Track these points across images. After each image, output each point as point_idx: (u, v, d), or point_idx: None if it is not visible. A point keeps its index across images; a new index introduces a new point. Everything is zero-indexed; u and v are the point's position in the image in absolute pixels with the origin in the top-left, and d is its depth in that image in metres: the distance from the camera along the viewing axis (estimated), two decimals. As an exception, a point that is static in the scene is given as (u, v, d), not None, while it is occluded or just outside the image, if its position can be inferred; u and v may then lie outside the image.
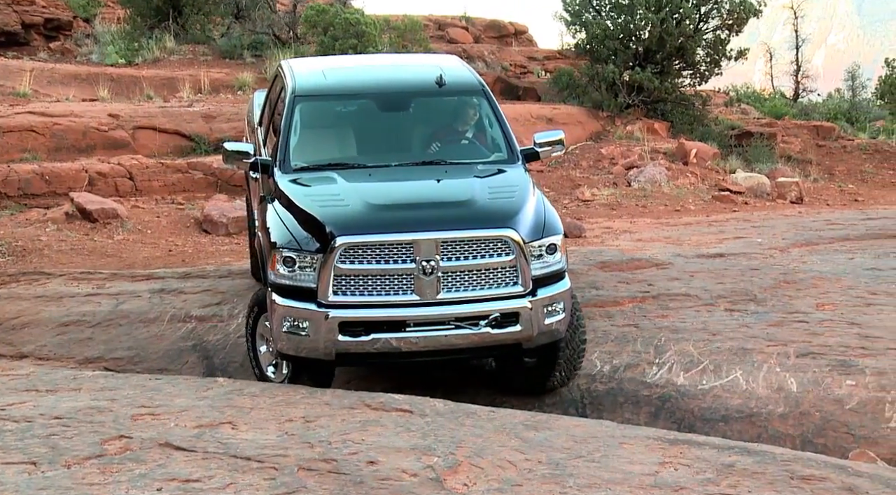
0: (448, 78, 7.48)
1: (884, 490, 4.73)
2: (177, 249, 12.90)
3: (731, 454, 5.14)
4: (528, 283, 6.26)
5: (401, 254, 6.07)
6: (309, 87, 7.46)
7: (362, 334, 6.12)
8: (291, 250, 6.17)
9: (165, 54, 22.19)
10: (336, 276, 6.07)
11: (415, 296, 6.11)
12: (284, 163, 6.94)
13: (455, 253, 6.13)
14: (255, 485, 4.49)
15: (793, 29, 28.38)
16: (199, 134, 16.68)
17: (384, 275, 6.09)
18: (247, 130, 9.63)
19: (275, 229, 6.40)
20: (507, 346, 6.42)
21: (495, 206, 6.42)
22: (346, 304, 6.11)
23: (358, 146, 7.36)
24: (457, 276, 6.15)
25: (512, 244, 6.18)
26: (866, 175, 21.13)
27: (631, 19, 21.84)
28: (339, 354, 6.21)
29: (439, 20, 27.76)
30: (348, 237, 6.06)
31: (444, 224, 6.18)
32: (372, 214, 6.25)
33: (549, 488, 4.60)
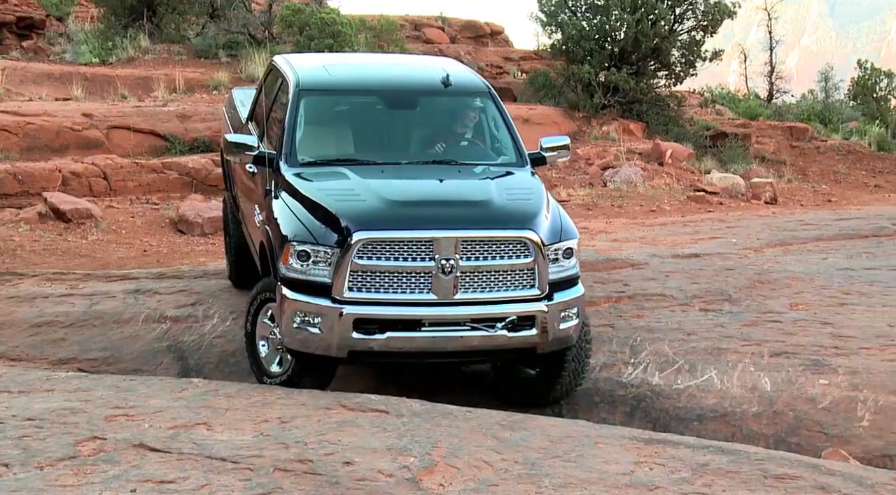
0: (454, 79, 7.39)
1: (856, 488, 4.77)
2: (151, 250, 12.84)
3: (705, 453, 5.16)
4: (545, 287, 6.19)
5: (419, 251, 5.97)
6: (313, 82, 7.35)
7: (376, 332, 6.02)
8: (306, 244, 6.04)
9: (140, 53, 22.06)
10: (352, 272, 5.96)
11: (432, 295, 6.01)
12: (291, 156, 6.82)
13: (474, 252, 6.04)
14: (230, 486, 4.47)
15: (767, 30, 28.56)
16: (175, 134, 16.59)
17: (401, 273, 6.00)
18: (225, 128, 9.48)
19: (286, 222, 6.27)
20: (521, 351, 6.33)
21: (514, 208, 6.34)
22: (361, 301, 6.00)
23: (366, 143, 7.26)
24: (475, 277, 6.07)
25: (531, 246, 6.10)
26: (839, 176, 21.31)
27: (606, 20, 21.91)
28: (351, 352, 6.11)
29: (415, 20, 27.74)
30: (367, 232, 5.95)
31: (465, 223, 6.10)
32: (391, 210, 6.14)
33: (524, 488, 4.61)
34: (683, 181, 18.63)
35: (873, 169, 22.09)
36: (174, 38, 23.46)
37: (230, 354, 8.02)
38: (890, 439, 6.17)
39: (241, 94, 9.57)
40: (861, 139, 23.80)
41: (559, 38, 22.72)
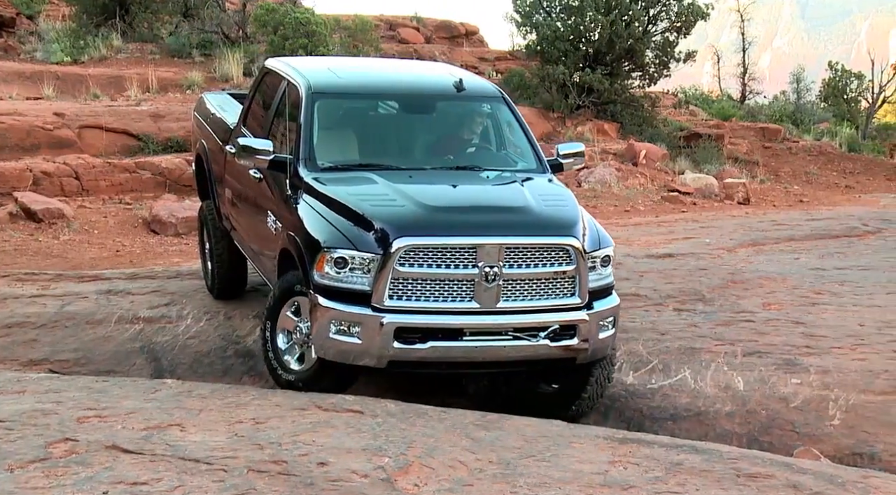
0: (466, 84, 7.28)
1: (827, 486, 4.81)
2: (124, 250, 12.75)
3: (679, 452, 5.19)
4: (586, 295, 6.09)
5: (462, 258, 5.83)
6: (325, 85, 7.17)
7: (418, 341, 5.86)
8: (343, 250, 5.87)
9: (112, 52, 21.90)
10: (393, 279, 5.80)
11: (474, 303, 5.87)
12: (310, 161, 6.63)
13: (518, 259, 5.92)
14: (204, 488, 4.45)
15: (739, 32, 28.74)
16: (148, 133, 16.49)
17: (443, 280, 5.85)
18: (200, 133, 9.21)
19: (319, 228, 6.09)
20: (562, 361, 6.20)
21: (555, 214, 6.22)
22: (402, 309, 5.84)
23: (384, 148, 7.10)
24: (517, 285, 5.93)
25: (573, 253, 5.99)
26: (811, 176, 21.49)
27: (581, 21, 21.98)
28: (391, 362, 5.95)
29: (390, 20, 27.69)
30: (409, 238, 5.80)
31: (508, 229, 5.96)
32: (433, 216, 5.98)
33: (499, 487, 4.62)
34: (657, 181, 18.72)
35: (844, 170, 22.29)
36: (147, 37, 23.32)
37: (204, 355, 7.99)
38: (860, 437, 6.23)
39: (216, 99, 9.36)
40: (832, 140, 24.00)
41: (534, 39, 22.77)
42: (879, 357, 7.03)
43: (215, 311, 8.57)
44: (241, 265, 8.60)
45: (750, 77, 28.70)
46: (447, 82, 7.37)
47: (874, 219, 14.20)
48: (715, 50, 31.00)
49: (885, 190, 20.94)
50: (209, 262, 8.91)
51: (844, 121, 25.72)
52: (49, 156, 15.24)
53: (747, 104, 28.02)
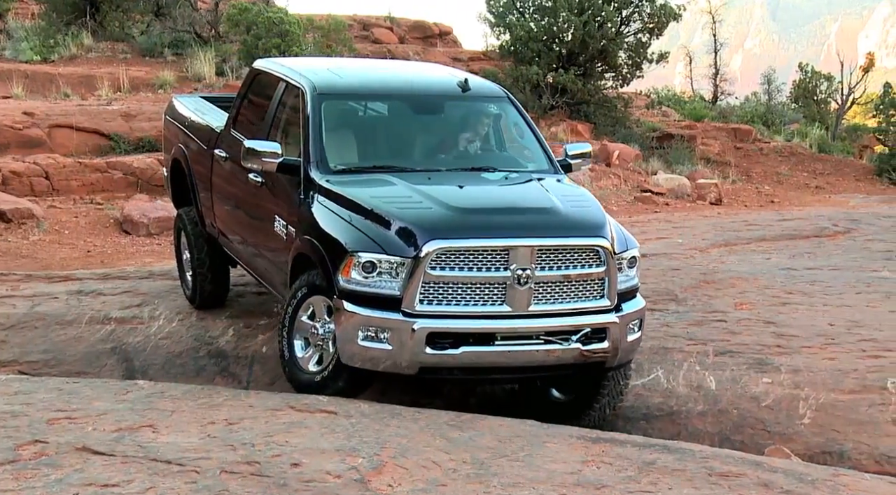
0: (471, 84, 7.20)
1: (797, 484, 4.86)
2: (95, 250, 12.67)
3: (651, 452, 5.22)
4: (615, 297, 5.98)
5: (495, 261, 5.70)
6: (330, 86, 6.99)
7: (450, 347, 5.70)
8: (372, 254, 5.70)
9: (83, 51, 21.74)
10: (424, 283, 5.65)
11: (506, 306, 5.74)
12: (322, 163, 6.46)
13: (549, 261, 5.79)
14: (176, 489, 4.43)
15: (711, 33, 28.93)
16: (119, 133, 16.40)
17: (475, 284, 5.71)
18: (176, 138, 8.93)
19: (342, 232, 5.93)
20: (591, 365, 6.06)
21: (583, 215, 6.09)
22: (434, 314, 5.69)
23: (396, 149, 6.94)
24: (549, 287, 5.81)
25: (603, 254, 5.88)
26: (782, 177, 21.66)
27: (554, 22, 22.05)
28: (422, 368, 5.79)
29: (364, 20, 27.65)
30: (442, 241, 5.64)
31: (539, 230, 5.83)
32: (463, 218, 5.84)
33: (473, 488, 4.63)
34: (630, 182, 18.81)
35: (814, 170, 22.49)
36: (118, 36, 23.16)
37: (176, 356, 7.95)
38: (830, 436, 6.29)
39: (190, 101, 9.15)
40: (802, 141, 24.20)
41: (507, 40, 22.83)
42: (849, 356, 7.10)
43: (188, 312, 8.53)
44: (225, 273, 8.41)
45: (721, 78, 28.90)
46: (452, 82, 7.29)
47: (844, 220, 14.35)
48: (687, 51, 31.18)
49: (855, 190, 21.16)
50: (189, 272, 8.57)
51: (815, 122, 25.94)
52: (19, 155, 15.13)
53: (719, 105, 28.20)
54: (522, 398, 6.77)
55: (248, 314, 8.39)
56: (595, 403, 6.39)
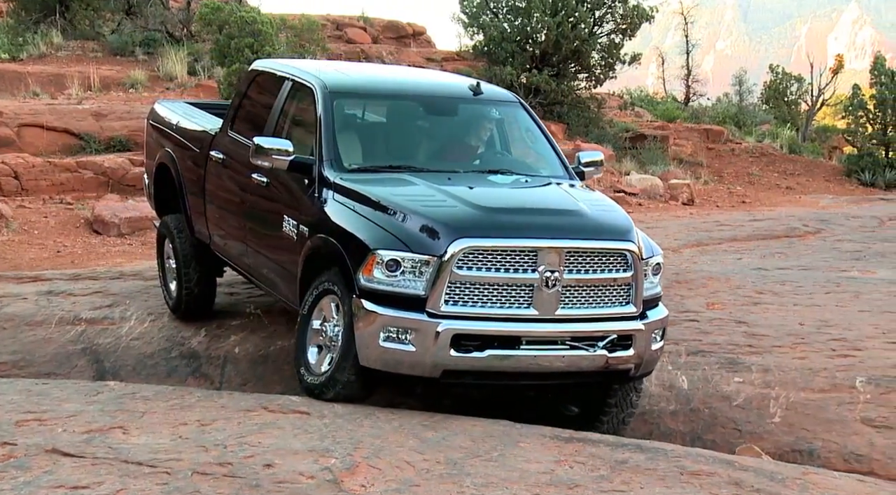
0: (482, 88, 7.10)
1: (768, 483, 4.90)
2: (66, 250, 12.57)
3: (624, 451, 5.24)
4: (640, 304, 5.83)
5: (523, 262, 5.53)
6: (342, 85, 6.87)
7: (475, 350, 5.52)
8: (396, 252, 5.52)
9: (52, 50, 21.56)
10: (451, 283, 5.48)
11: (532, 310, 5.57)
12: (336, 162, 6.31)
13: (578, 264, 5.63)
14: (146, 491, 4.41)
15: (683, 34, 29.09)
16: (89, 132, 16.26)
17: (502, 285, 5.53)
18: (152, 140, 8.76)
19: (363, 230, 5.75)
20: (616, 373, 5.89)
21: (611, 218, 5.96)
22: (459, 315, 5.51)
23: (410, 150, 6.81)
24: (576, 291, 5.66)
25: (631, 259, 5.74)
26: (753, 177, 21.82)
27: (528, 22, 22.11)
28: (445, 372, 5.58)
29: (337, 20, 27.58)
30: (470, 240, 5.48)
31: (569, 232, 5.67)
32: (491, 217, 5.67)
33: (446, 488, 4.63)
34: (603, 182, 18.88)
35: (785, 171, 22.67)
36: (89, 34, 22.97)
37: (148, 356, 7.90)
38: (800, 435, 6.34)
39: (176, 106, 8.98)
40: (773, 142, 24.39)
41: (481, 40, 22.86)
42: (819, 355, 7.16)
43: (159, 313, 8.48)
44: (212, 282, 8.17)
45: (693, 79, 29.06)
46: (462, 86, 7.22)
47: (814, 220, 14.50)
48: (659, 52, 31.35)
49: (825, 191, 21.35)
50: (174, 282, 8.24)
51: (785, 123, 26.15)
52: (-13, 154, 14.97)
53: (691, 106, 28.37)
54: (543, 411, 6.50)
55: (220, 315, 8.35)
56: (606, 416, 6.23)
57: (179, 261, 8.05)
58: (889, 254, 11.83)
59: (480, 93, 7.06)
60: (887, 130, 22.33)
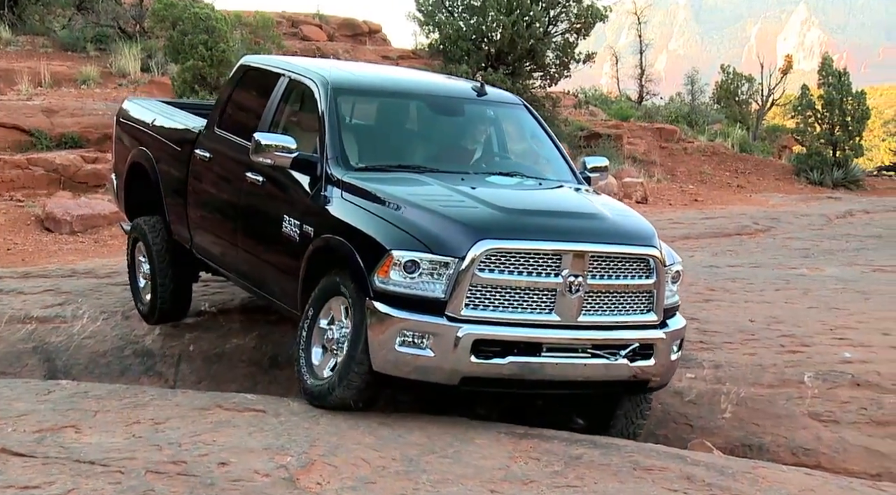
0: (486, 89, 6.96)
1: (718, 477, 4.96)
2: (16, 248, 12.39)
3: (578, 447, 5.28)
4: (661, 312, 5.64)
5: (546, 265, 5.31)
6: (345, 81, 6.63)
7: (496, 356, 5.27)
8: (416, 253, 5.26)
9: (1, 45, 21.21)
10: (472, 286, 5.24)
11: (554, 315, 5.34)
12: (342, 160, 6.06)
13: (602, 269, 5.42)
14: (99, 491, 4.36)
15: (636, 34, 29.32)
16: (40, 129, 16.02)
17: (524, 289, 5.30)
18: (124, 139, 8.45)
19: (378, 230, 5.47)
20: (635, 384, 5.69)
21: (633, 223, 5.80)
22: (480, 320, 5.26)
23: (418, 149, 6.58)
24: (598, 297, 5.44)
25: (653, 265, 5.56)
26: (705, 176, 22.05)
27: (483, 21, 22.16)
28: (464, 379, 5.32)
29: (292, 17, 27.43)
30: (493, 242, 5.24)
31: (592, 236, 5.46)
32: (514, 218, 5.44)
33: (402, 485, 4.63)
34: (557, 180, 18.98)
35: (736, 170, 22.94)
36: (38, 30, 22.63)
37: (101, 355, 7.82)
38: (750, 430, 6.42)
39: (150, 104, 8.69)
40: (725, 141, 24.66)
41: (437, 38, 22.88)
42: (768, 351, 7.26)
43: (112, 311, 8.39)
44: (188, 287, 7.86)
45: (647, 78, 29.30)
46: (466, 86, 7.09)
47: (764, 218, 14.69)
48: (613, 51, 31.56)
49: (774, 189, 21.64)
50: (146, 287, 7.90)
51: (736, 122, 26.44)
52: (-66, 151, 14.72)
53: (644, 105, 28.59)
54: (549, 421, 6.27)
55: (174, 313, 8.27)
56: (615, 428, 6.05)
57: (154, 265, 7.68)
58: (837, 251, 12.03)
59: (485, 93, 6.91)
60: (835, 130, 22.68)
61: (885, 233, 13.44)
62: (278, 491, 4.47)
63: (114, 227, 13.29)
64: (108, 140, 16.12)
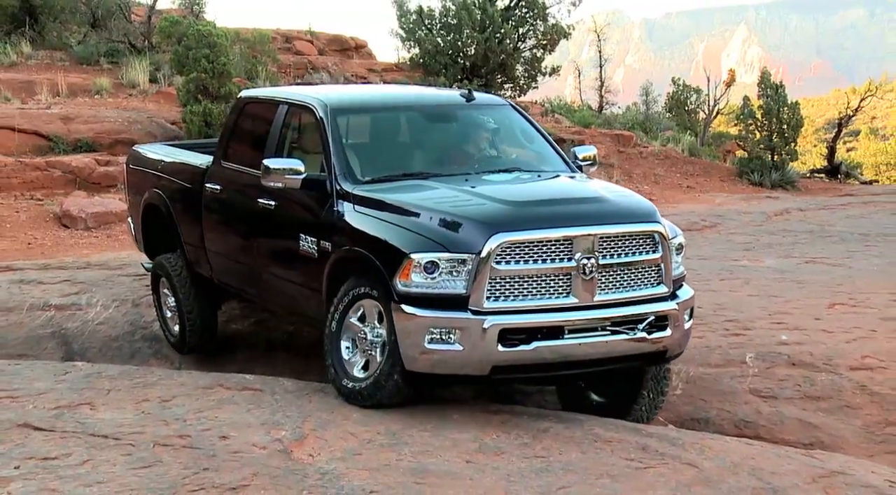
0: (474, 95, 6.79)
1: (669, 447, 4.98)
2: (36, 242, 12.29)
3: (544, 421, 5.29)
4: (671, 284, 5.47)
5: (559, 252, 5.13)
6: (341, 101, 6.45)
7: (522, 343, 5.08)
8: (433, 253, 5.07)
9: (23, 59, 20.99)
10: (491, 279, 5.05)
11: (572, 298, 5.16)
12: (350, 174, 5.86)
13: (611, 249, 5.25)
14: (112, 461, 4.34)
15: (597, 50, 29.36)
16: (58, 134, 15.90)
17: (540, 276, 5.12)
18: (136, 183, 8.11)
19: (395, 236, 5.27)
20: (655, 355, 5.51)
21: (635, 203, 5.63)
22: (502, 310, 5.08)
23: (419, 157, 6.39)
24: (611, 276, 5.26)
25: (659, 240, 5.38)
26: (658, 177, 22.12)
27: (459, 37, 22.14)
28: (494, 367, 5.12)
29: (286, 34, 27.26)
30: (506, 234, 5.06)
31: (598, 218, 5.29)
32: (521, 211, 5.27)
33: (386, 456, 4.64)
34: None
35: (686, 172, 23.01)
36: (56, 45, 22.41)
37: (112, 339, 7.77)
38: (698, 405, 6.46)
39: (156, 148, 8.44)
40: (676, 146, 24.73)
41: (417, 53, 22.82)
42: (714, 334, 7.30)
43: (123, 299, 8.34)
44: (214, 315, 7.48)
45: (606, 90, 29.34)
46: (454, 94, 6.95)
47: (711, 216, 14.75)
48: (576, 65, 31.58)
49: (720, 190, 21.73)
50: (175, 321, 7.52)
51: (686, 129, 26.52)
52: (-39, 155, 14.56)
53: (604, 113, 28.63)
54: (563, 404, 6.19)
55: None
56: (636, 404, 5.89)
57: (180, 299, 7.33)
58: (775, 245, 12.10)
59: (473, 99, 6.73)
60: (773, 137, 22.77)
61: (816, 229, 13.53)
62: (274, 462, 4.46)
63: (124, 223, 13.20)
64: (119, 144, 16.08)
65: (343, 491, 4.21)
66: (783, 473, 4.76)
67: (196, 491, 4.11)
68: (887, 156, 36.39)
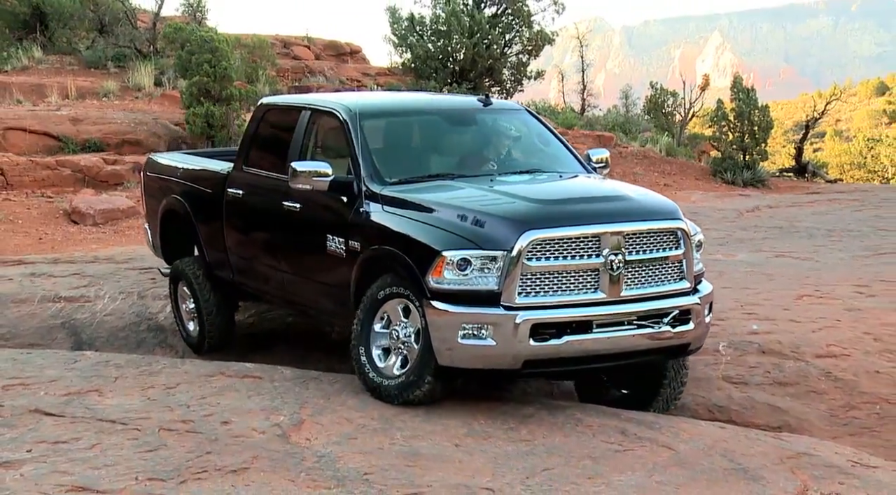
0: (491, 99, 6.68)
1: (647, 431, 5.00)
2: (47, 237, 12.24)
3: (529, 408, 5.30)
4: (692, 279, 5.39)
5: (588, 248, 5.04)
6: (366, 106, 6.29)
7: (553, 337, 4.98)
8: (466, 251, 4.97)
9: (34, 63, 20.89)
10: (522, 275, 4.95)
11: (599, 293, 5.06)
12: (377, 176, 5.72)
13: (638, 246, 5.18)
14: (119, 445, 4.33)
15: (579, 55, 29.37)
16: (67, 135, 15.85)
17: (570, 272, 5.03)
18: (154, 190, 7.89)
19: (426, 235, 5.16)
20: (678, 348, 5.42)
21: (658, 201, 5.57)
22: (534, 306, 4.98)
23: (443, 158, 6.28)
24: (637, 272, 5.17)
25: (682, 236, 5.31)
26: (637, 176, 22.14)
27: (448, 43, 22.14)
28: (527, 362, 5.02)
29: (285, 39, 27.19)
30: (536, 232, 4.96)
31: (625, 216, 5.22)
32: (551, 208, 5.19)
33: (379, 440, 4.64)
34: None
35: (663, 171, 23.06)
36: (66, 50, 22.32)
37: (120, 330, 7.75)
38: (675, 390, 6.45)
39: (174, 156, 8.31)
40: (654, 146, 24.77)
41: (409, 58, 22.82)
42: (690, 324, 7.30)
43: (129, 291, 8.31)
44: (232, 317, 7.34)
45: (588, 93, 29.33)
46: (472, 99, 6.80)
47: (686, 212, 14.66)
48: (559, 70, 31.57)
49: (695, 188, 21.79)
50: (192, 323, 7.34)
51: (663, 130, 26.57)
52: (-25, 155, 14.49)
53: (586, 116, 28.63)
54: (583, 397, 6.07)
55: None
56: (657, 396, 5.79)
57: (200, 303, 7.16)
58: (747, 240, 12.14)
59: (490, 103, 6.62)
60: (745, 138, 22.83)
61: (785, 225, 13.58)
62: (273, 446, 4.46)
63: (130, 219, 13.18)
64: (125, 144, 16.03)
65: (339, 473, 4.22)
66: (753, 454, 4.79)
67: (199, 473, 4.11)
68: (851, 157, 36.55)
